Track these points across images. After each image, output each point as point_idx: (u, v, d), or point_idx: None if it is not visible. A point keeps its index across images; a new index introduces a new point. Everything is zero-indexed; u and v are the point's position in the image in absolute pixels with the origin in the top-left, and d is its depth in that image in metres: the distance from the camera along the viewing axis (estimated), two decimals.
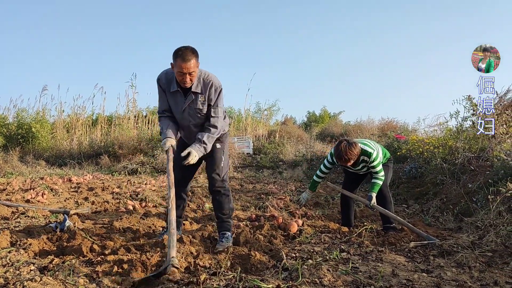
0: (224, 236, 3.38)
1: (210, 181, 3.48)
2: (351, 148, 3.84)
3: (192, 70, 3.04)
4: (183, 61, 2.99)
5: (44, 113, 14.72)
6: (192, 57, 3.02)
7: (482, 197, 4.58)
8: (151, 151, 11.41)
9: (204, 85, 3.23)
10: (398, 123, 15.24)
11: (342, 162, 3.91)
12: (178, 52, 3.02)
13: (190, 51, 3.04)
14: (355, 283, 2.41)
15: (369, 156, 3.99)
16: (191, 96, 3.24)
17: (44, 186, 6.61)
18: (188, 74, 3.06)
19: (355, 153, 3.85)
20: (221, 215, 3.46)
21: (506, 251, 3.20)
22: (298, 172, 10.74)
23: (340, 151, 3.85)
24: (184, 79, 3.09)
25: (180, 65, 3.00)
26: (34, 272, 2.49)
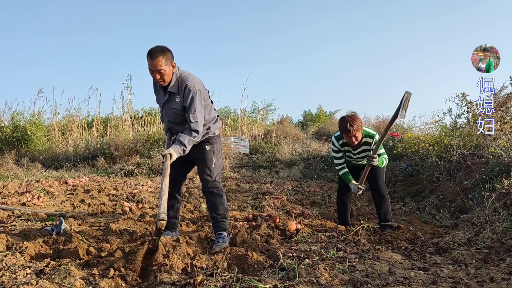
0: (221, 237, 3.38)
1: (203, 183, 3.50)
2: (355, 119, 3.87)
3: (159, 68, 3.11)
4: (150, 59, 3.10)
5: (39, 116, 14.66)
6: (159, 55, 3.09)
7: (477, 194, 4.60)
8: (147, 153, 11.39)
9: (179, 86, 3.28)
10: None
11: (348, 134, 3.88)
12: (148, 51, 3.13)
13: (159, 49, 3.12)
14: (352, 282, 2.41)
15: (372, 137, 4.02)
16: (168, 95, 3.33)
17: (40, 189, 6.58)
18: (157, 72, 3.14)
19: (359, 124, 3.87)
20: (215, 215, 3.46)
21: (502, 248, 3.22)
22: (294, 171, 10.76)
23: (345, 123, 3.87)
24: (154, 77, 3.20)
25: (149, 62, 3.12)
26: (30, 276, 2.47)
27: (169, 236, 3.50)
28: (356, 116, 3.93)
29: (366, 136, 4.04)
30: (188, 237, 3.40)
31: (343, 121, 3.91)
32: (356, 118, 3.90)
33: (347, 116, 3.93)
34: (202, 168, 3.49)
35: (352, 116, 3.92)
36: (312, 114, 26.53)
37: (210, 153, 3.52)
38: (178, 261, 2.66)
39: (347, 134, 3.91)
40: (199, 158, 3.49)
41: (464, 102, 6.30)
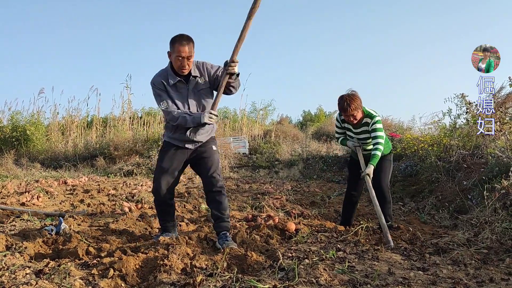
0: (226, 236, 3.37)
1: (210, 182, 3.44)
2: (353, 98, 3.86)
3: (189, 54, 3.17)
4: (181, 45, 3.12)
5: (38, 116, 14.67)
6: (189, 42, 3.17)
7: (477, 194, 4.60)
8: (146, 152, 11.39)
9: (199, 68, 3.37)
10: (393, 121, 15.28)
11: (346, 113, 3.88)
12: (175, 38, 3.16)
13: (186, 36, 3.19)
14: (351, 282, 2.41)
15: (371, 117, 3.98)
16: (193, 80, 3.35)
17: (39, 189, 6.58)
18: (186, 59, 3.17)
19: (358, 103, 3.85)
20: (221, 215, 3.43)
21: (501, 248, 3.22)
22: (294, 172, 10.77)
23: (343, 102, 3.86)
24: (183, 64, 3.19)
25: (179, 49, 3.12)
26: (30, 276, 2.47)
27: (169, 236, 3.50)
28: (355, 95, 3.89)
29: (366, 116, 4.01)
30: (187, 237, 3.40)
31: (341, 100, 3.90)
32: (355, 97, 3.87)
33: (345, 95, 3.91)
34: (211, 167, 3.47)
35: (351, 95, 3.90)
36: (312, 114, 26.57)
37: (216, 153, 3.57)
38: (177, 261, 2.65)
39: (345, 113, 3.91)
40: (207, 157, 3.48)
41: (463, 102, 6.31)
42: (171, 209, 3.63)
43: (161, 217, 3.61)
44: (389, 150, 4.29)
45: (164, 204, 3.54)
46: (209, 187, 3.47)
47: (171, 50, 3.21)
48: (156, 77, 3.36)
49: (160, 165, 3.51)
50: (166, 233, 3.57)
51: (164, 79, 3.33)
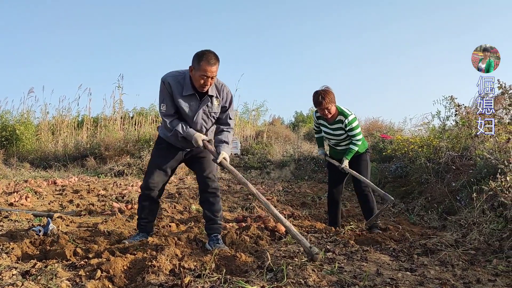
0: (218, 238, 3.35)
1: (206, 182, 3.42)
2: (327, 92, 3.99)
3: (215, 74, 3.07)
4: (209, 65, 2.99)
5: (28, 115, 14.53)
6: (217, 61, 3.04)
7: (465, 195, 4.64)
8: (137, 153, 11.34)
9: (217, 88, 3.26)
10: (384, 123, 15.37)
11: (320, 106, 3.99)
12: (203, 56, 3.00)
13: (214, 55, 3.05)
14: (340, 283, 2.42)
15: (345, 116, 4.09)
16: (207, 99, 3.22)
17: (28, 189, 6.52)
18: (210, 78, 3.06)
19: (331, 97, 3.98)
20: (214, 217, 3.41)
21: (489, 249, 3.25)
22: (285, 172, 10.79)
23: (317, 96, 3.99)
24: (206, 83, 3.07)
25: (206, 68, 2.99)
26: (16, 277, 2.44)
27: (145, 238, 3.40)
28: (329, 90, 4.03)
29: (340, 114, 4.11)
30: (176, 238, 3.39)
31: (315, 95, 4.02)
32: (329, 92, 4.01)
33: (320, 90, 4.04)
34: (207, 167, 3.44)
35: (325, 90, 4.03)
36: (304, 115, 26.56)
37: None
38: (166, 262, 2.64)
39: (319, 107, 4.02)
40: (203, 157, 3.44)
41: (452, 104, 6.36)
42: (156, 208, 3.56)
43: (143, 215, 3.49)
44: (365, 149, 4.39)
45: (150, 201, 3.46)
46: (204, 187, 3.44)
47: (195, 66, 3.03)
48: (170, 77, 3.19)
49: (154, 161, 3.45)
50: (143, 234, 3.47)
51: (178, 85, 3.17)
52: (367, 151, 4.42)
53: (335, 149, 4.41)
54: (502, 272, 2.74)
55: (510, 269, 2.78)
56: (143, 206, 3.49)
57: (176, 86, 3.17)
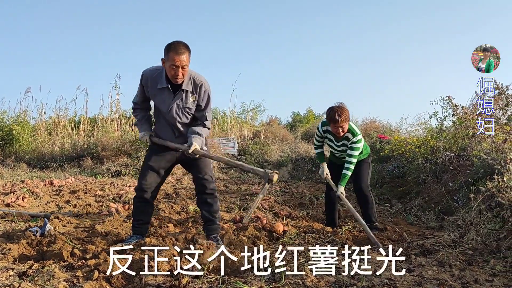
0: (217, 239, 3.35)
1: (203, 183, 3.40)
2: (343, 110, 3.90)
3: (185, 63, 3.02)
4: (176, 54, 2.97)
5: (25, 115, 14.48)
6: (185, 51, 3.01)
7: (463, 196, 4.65)
8: (135, 153, 11.31)
9: (195, 85, 3.21)
10: (381, 123, 15.39)
11: (336, 124, 3.90)
12: (171, 46, 3.00)
13: (183, 44, 3.03)
14: (337, 284, 2.42)
15: (353, 135, 4.03)
16: (181, 94, 3.20)
17: (24, 190, 6.49)
18: (181, 68, 3.02)
19: (346, 115, 3.90)
20: (213, 218, 3.41)
21: (486, 249, 3.25)
22: (283, 173, 10.76)
23: (333, 113, 3.89)
24: (177, 73, 3.04)
25: (173, 57, 2.97)
26: (13, 278, 2.44)
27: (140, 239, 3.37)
28: (344, 108, 3.95)
29: (349, 131, 4.05)
30: (174, 239, 3.38)
31: (331, 111, 3.93)
32: (344, 109, 3.92)
33: (336, 106, 3.94)
34: (203, 169, 3.41)
35: (341, 107, 3.94)
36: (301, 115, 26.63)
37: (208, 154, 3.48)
38: (163, 263, 2.63)
39: (334, 125, 3.93)
40: (199, 158, 3.39)
41: (450, 105, 6.38)
42: (150, 210, 3.53)
43: (137, 217, 3.46)
44: (367, 155, 4.40)
45: (145, 203, 3.42)
46: (201, 188, 3.42)
47: (165, 57, 3.05)
48: (149, 70, 3.25)
49: (147, 162, 3.43)
50: (138, 235, 3.43)
51: (154, 78, 3.20)
52: (369, 155, 4.44)
53: (338, 158, 4.39)
54: (499, 272, 2.74)
55: (507, 269, 2.79)
56: (137, 207, 3.47)
57: (152, 80, 3.21)
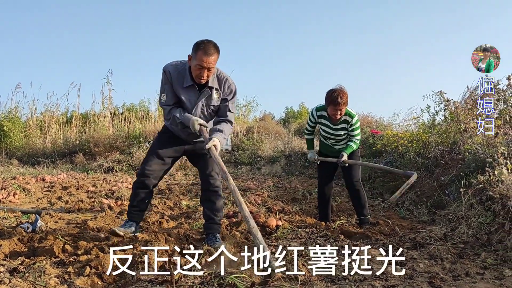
0: (216, 237, 3.28)
1: (208, 180, 3.32)
2: (344, 92, 3.90)
3: (212, 65, 2.94)
4: (205, 55, 2.87)
5: (16, 111, 14.34)
6: (215, 52, 2.93)
7: (454, 190, 4.69)
8: (127, 149, 11.26)
9: (219, 80, 3.15)
10: (374, 118, 15.43)
11: (336, 107, 3.88)
12: (200, 45, 2.91)
13: (213, 45, 2.94)
14: (330, 277, 2.43)
15: (351, 117, 4.05)
16: (207, 91, 3.12)
17: (16, 186, 6.44)
18: (207, 69, 2.94)
19: (347, 97, 3.91)
20: (213, 216, 3.32)
21: (477, 243, 3.28)
22: (276, 168, 10.79)
23: (335, 95, 3.86)
24: (202, 74, 2.96)
25: (202, 58, 2.88)
26: (4, 274, 2.41)
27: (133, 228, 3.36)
28: (345, 91, 3.94)
29: (346, 114, 4.05)
30: (166, 234, 3.37)
31: (333, 93, 3.88)
32: (345, 92, 3.92)
33: (337, 89, 3.91)
34: (210, 165, 3.32)
35: (342, 89, 3.93)
36: (294, 111, 26.57)
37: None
38: (155, 258, 2.63)
39: (334, 107, 3.90)
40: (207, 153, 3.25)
41: (442, 99, 6.41)
42: (149, 197, 3.45)
43: (134, 202, 3.36)
44: (357, 148, 4.39)
45: (144, 189, 3.34)
46: (206, 185, 3.34)
47: (192, 55, 2.94)
48: (171, 66, 3.13)
49: (154, 148, 3.35)
50: (132, 222, 3.37)
51: (179, 75, 3.09)
52: (358, 148, 4.46)
53: (331, 147, 4.37)
54: (490, 265, 2.77)
55: (498, 262, 2.82)
56: (136, 193, 3.37)
57: (176, 77, 3.09)
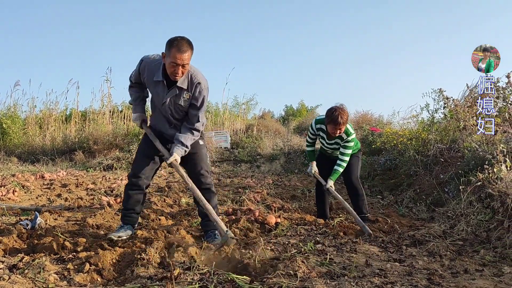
0: (215, 234, 3.27)
1: (199, 179, 3.29)
2: (344, 112, 3.90)
3: (186, 62, 2.89)
4: (179, 52, 2.83)
5: (15, 109, 14.32)
6: (188, 49, 2.88)
7: (453, 187, 4.69)
8: (126, 147, 11.24)
9: (191, 82, 3.07)
10: (373, 116, 15.45)
11: (336, 126, 3.88)
12: (173, 42, 2.85)
13: (186, 42, 2.89)
14: (329, 274, 2.43)
15: (347, 134, 4.05)
16: (175, 90, 3.06)
17: (15, 183, 6.43)
18: (181, 66, 2.89)
19: (346, 118, 3.91)
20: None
21: (476, 240, 3.29)
22: (275, 166, 10.79)
23: (336, 115, 3.86)
24: (176, 71, 2.91)
25: (175, 55, 2.83)
26: (3, 271, 2.41)
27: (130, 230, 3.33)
28: (346, 110, 3.95)
29: (344, 131, 4.05)
30: (166, 231, 3.37)
31: (334, 113, 3.88)
32: (345, 112, 3.93)
33: (338, 108, 3.92)
34: (198, 163, 3.31)
35: (342, 109, 3.93)
36: (294, 109, 26.61)
37: (204, 147, 3.39)
38: (155, 255, 2.63)
39: (334, 126, 3.91)
40: (194, 152, 3.29)
41: (441, 97, 6.41)
42: (142, 199, 3.41)
43: (128, 206, 3.34)
44: (357, 150, 4.44)
45: (137, 190, 3.31)
46: (197, 184, 3.27)
47: (166, 52, 2.89)
48: (149, 60, 3.13)
49: (141, 148, 3.36)
50: (128, 226, 3.33)
51: (152, 69, 3.08)
52: (359, 150, 4.46)
53: (329, 153, 4.41)
54: (489, 262, 2.77)
55: (497, 259, 2.83)
56: (129, 195, 3.34)
57: (149, 69, 3.10)
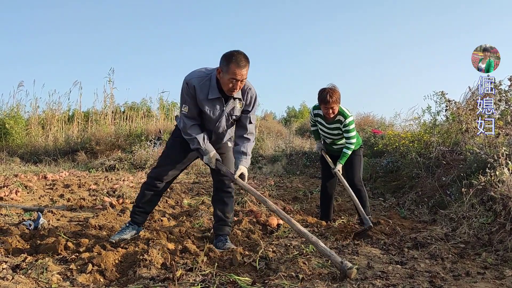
0: (227, 239, 3.26)
1: (222, 181, 3.27)
2: (334, 91, 3.92)
3: (245, 77, 2.86)
4: (238, 67, 2.78)
5: (18, 109, 14.38)
6: (247, 63, 2.84)
7: (455, 190, 4.68)
8: (129, 147, 11.28)
9: (242, 90, 3.05)
10: (375, 118, 15.42)
11: (326, 105, 3.92)
12: (231, 57, 2.79)
13: (244, 56, 2.84)
14: (331, 276, 2.43)
15: (345, 117, 4.06)
16: (233, 103, 3.05)
17: (18, 184, 6.45)
18: (240, 82, 2.85)
19: (337, 96, 3.93)
20: (225, 218, 3.30)
21: (478, 243, 3.28)
22: (277, 167, 10.78)
23: (325, 94, 3.90)
24: (235, 87, 2.86)
25: (235, 71, 2.77)
26: (6, 271, 2.42)
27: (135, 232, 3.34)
28: (336, 89, 3.97)
29: (340, 114, 4.08)
30: (168, 232, 3.38)
31: (323, 92, 3.94)
32: (336, 91, 3.95)
33: (327, 88, 3.97)
34: (225, 165, 3.25)
35: (332, 88, 3.96)
36: (296, 110, 26.60)
37: (231, 151, 3.37)
38: (157, 256, 2.64)
39: (325, 105, 3.96)
40: (222, 153, 3.27)
41: (443, 100, 6.40)
42: (157, 200, 3.44)
43: (141, 204, 3.32)
44: (359, 146, 4.40)
45: (155, 192, 3.30)
46: (220, 186, 3.29)
47: (223, 68, 2.82)
48: (195, 79, 2.97)
49: (169, 153, 3.31)
50: (134, 225, 3.35)
51: (203, 87, 2.96)
52: (360, 147, 4.45)
53: (330, 146, 4.42)
54: (491, 265, 2.77)
55: (499, 262, 2.82)
56: (144, 194, 3.31)
57: (201, 89, 2.96)
